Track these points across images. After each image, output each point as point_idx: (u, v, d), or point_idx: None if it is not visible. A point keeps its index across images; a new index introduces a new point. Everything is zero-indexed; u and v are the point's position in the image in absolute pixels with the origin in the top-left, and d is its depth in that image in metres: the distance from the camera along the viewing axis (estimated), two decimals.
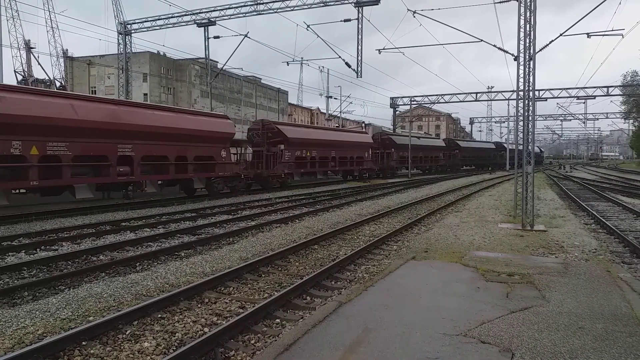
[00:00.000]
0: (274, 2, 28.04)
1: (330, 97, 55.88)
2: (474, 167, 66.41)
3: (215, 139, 20.39)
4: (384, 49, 24.66)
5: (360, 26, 27.52)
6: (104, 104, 16.23)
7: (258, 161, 24.92)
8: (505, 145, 72.08)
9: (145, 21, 32.23)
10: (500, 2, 15.91)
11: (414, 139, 47.18)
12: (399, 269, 7.62)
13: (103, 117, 15.28)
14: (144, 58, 57.04)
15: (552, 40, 14.63)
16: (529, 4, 12.16)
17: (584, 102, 53.28)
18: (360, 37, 28.10)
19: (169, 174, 18.35)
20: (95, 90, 61.45)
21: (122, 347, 4.89)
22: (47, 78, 61.98)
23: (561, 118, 69.90)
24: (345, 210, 16.64)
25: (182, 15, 30.62)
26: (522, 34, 12.37)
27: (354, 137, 35.50)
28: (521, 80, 12.56)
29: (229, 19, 29.67)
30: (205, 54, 32.84)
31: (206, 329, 5.38)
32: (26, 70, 59.99)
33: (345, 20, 27.63)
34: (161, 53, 57.59)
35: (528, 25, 12.28)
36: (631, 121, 79.39)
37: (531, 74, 12.28)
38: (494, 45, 16.05)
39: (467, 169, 64.18)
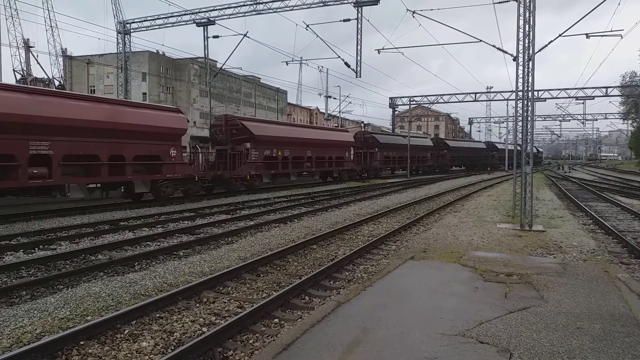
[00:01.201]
0: (273, 1, 28.03)
1: (330, 97, 55.86)
2: (463, 167, 63.73)
3: (162, 135, 17.77)
4: (383, 49, 24.67)
5: (359, 26, 27.53)
6: (12, 92, 13.33)
7: (222, 161, 22.61)
8: (496, 145, 70.79)
9: (145, 20, 32.20)
10: (499, 3, 15.93)
11: (399, 138, 45.53)
12: (398, 269, 7.62)
13: (10, 108, 12.75)
14: (143, 57, 56.99)
15: (551, 41, 14.64)
16: (528, 4, 12.17)
17: (583, 103, 53.40)
18: (359, 37, 28.11)
19: (101, 176, 15.62)
20: (94, 90, 61.41)
21: (120, 347, 4.89)
22: (46, 77, 61.92)
23: (560, 118, 70.04)
24: (344, 210, 16.64)
25: (182, 15, 30.60)
26: (521, 35, 12.38)
27: (332, 136, 32.84)
28: (520, 80, 12.57)
29: (228, 18, 29.66)
30: (205, 54, 32.82)
31: (204, 329, 5.37)
32: (25, 69, 59.92)
33: (345, 20, 27.62)
34: (160, 52, 57.56)
35: (527, 26, 12.29)
36: (630, 122, 79.47)
37: (530, 74, 12.29)
38: (493, 46, 16.06)
39: (457, 169, 61.66)
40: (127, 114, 16.54)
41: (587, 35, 16.08)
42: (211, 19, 30.09)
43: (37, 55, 64.93)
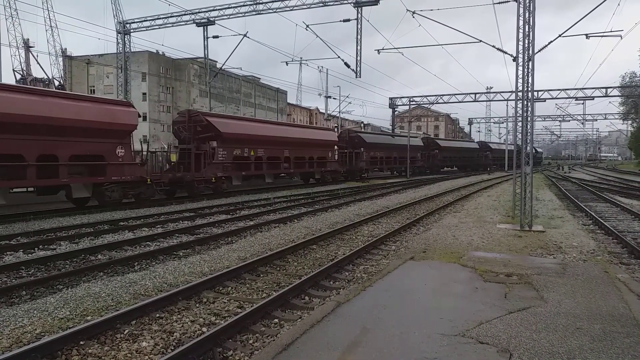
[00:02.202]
0: (273, 1, 28.02)
1: (329, 97, 55.86)
2: (455, 168, 61.11)
3: (106, 132, 15.64)
4: (383, 49, 24.70)
5: (359, 26, 27.51)
6: None
7: (186, 162, 20.51)
8: (490, 145, 69.10)
9: (145, 20, 32.19)
10: (499, 3, 15.94)
11: (386, 138, 43.90)
12: (398, 269, 7.62)
13: None
14: (142, 57, 57.04)
15: (551, 41, 14.64)
16: (527, 4, 12.17)
17: (583, 103, 53.41)
18: (359, 37, 28.09)
19: (27, 179, 13.58)
20: (94, 90, 61.42)
21: (120, 347, 4.89)
22: (45, 77, 61.92)
23: (560, 119, 70.07)
24: (344, 211, 16.64)
25: (181, 15, 30.59)
26: (520, 35, 12.38)
27: (314, 134, 30.71)
28: (520, 81, 12.57)
29: (228, 18, 29.64)
30: (205, 54, 32.81)
31: (204, 329, 5.37)
32: (25, 69, 59.95)
33: (345, 21, 27.60)
34: (160, 52, 57.59)
35: (527, 26, 12.29)
36: (629, 122, 79.56)
37: (530, 74, 12.29)
38: (493, 46, 16.07)
39: (449, 170, 59.08)
40: (61, 107, 14.27)
41: (587, 36, 16.09)
42: (211, 19, 30.08)
43: (37, 55, 65.04)
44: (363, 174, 37.81)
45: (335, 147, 33.52)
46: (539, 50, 14.15)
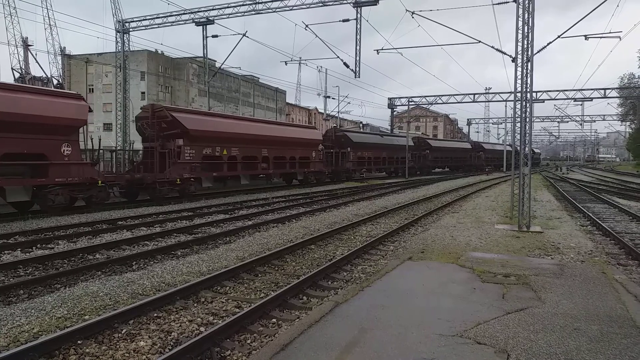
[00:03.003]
0: (272, 1, 28.00)
1: (328, 97, 55.91)
2: (447, 169, 59.18)
3: (47, 127, 13.88)
4: (382, 49, 24.71)
5: (358, 26, 27.49)
6: None
7: (149, 161, 18.69)
8: (483, 145, 67.79)
9: (144, 19, 32.13)
10: (498, 4, 15.95)
11: (375, 137, 42.32)
12: (396, 269, 7.63)
13: None
14: (142, 56, 56.98)
15: (550, 42, 14.66)
16: (527, 5, 12.19)
17: (581, 104, 53.46)
18: (358, 37, 28.09)
19: None
20: (92, 88, 61.35)
21: (117, 346, 4.88)
22: (44, 76, 61.81)
23: (558, 120, 70.21)
24: (343, 211, 16.64)
25: (181, 14, 30.54)
26: (520, 36, 12.39)
27: (295, 133, 28.68)
28: (519, 81, 12.59)
29: (227, 18, 29.61)
30: (204, 53, 32.76)
31: (202, 329, 5.37)
32: (24, 67, 59.84)
33: (344, 21, 27.57)
34: (159, 51, 57.49)
35: (526, 27, 12.30)
36: (628, 123, 79.72)
37: (529, 75, 12.31)
38: (492, 47, 16.08)
39: (439, 171, 56.89)
40: None
41: (586, 37, 16.11)
42: (210, 18, 30.04)
43: (36, 54, 64.97)
44: (351, 175, 35.92)
45: (321, 146, 31.97)
46: (538, 51, 14.17)
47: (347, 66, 28.43)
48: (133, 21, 32.83)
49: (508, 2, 15.12)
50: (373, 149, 39.45)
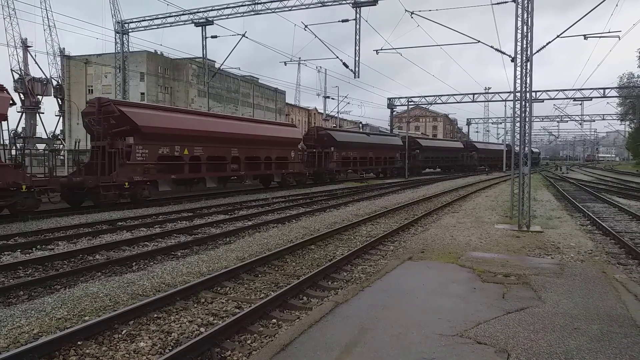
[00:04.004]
0: (271, 2, 28.02)
1: (328, 97, 55.94)
2: (439, 169, 57.52)
3: None
4: (381, 49, 24.70)
5: (358, 27, 27.53)
6: None
7: (97, 162, 16.64)
8: (476, 144, 66.02)
9: (143, 20, 32.16)
10: (497, 4, 15.95)
11: (361, 136, 40.16)
12: (396, 269, 7.62)
13: None
14: (141, 57, 56.97)
15: (549, 42, 14.69)
16: (526, 5, 12.19)
17: (581, 104, 53.53)
18: (358, 37, 28.13)
19: None
20: (92, 89, 61.32)
21: (117, 347, 4.88)
22: (43, 77, 61.82)
23: (558, 119, 70.23)
24: (342, 211, 16.64)
25: (180, 15, 30.58)
26: (519, 36, 12.40)
27: (271, 131, 26.01)
28: (518, 81, 12.59)
29: (227, 18, 29.65)
30: (203, 54, 32.78)
31: (202, 329, 5.37)
32: (23, 69, 59.84)
33: (343, 21, 27.59)
34: (159, 52, 57.51)
35: (525, 27, 12.31)
36: (627, 123, 79.79)
37: (528, 75, 12.31)
38: (491, 47, 16.08)
39: (430, 171, 55.06)
40: None
41: (585, 37, 16.11)
42: (209, 19, 30.07)
43: (35, 55, 64.89)
44: (335, 177, 33.68)
45: (302, 145, 30.08)
46: (537, 51, 14.18)
47: (347, 66, 28.47)
48: (132, 22, 32.86)
49: (507, 2, 15.14)
50: (359, 149, 37.08)
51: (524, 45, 12.32)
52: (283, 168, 26.59)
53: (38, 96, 63.77)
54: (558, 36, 14.69)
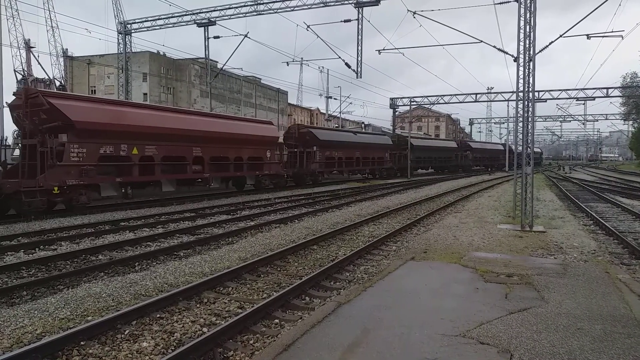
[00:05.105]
0: (274, 2, 28.05)
1: (330, 97, 55.96)
2: (431, 169, 55.08)
3: None
4: (384, 49, 24.71)
5: (360, 27, 27.54)
6: None
7: (26, 163, 14.48)
8: (470, 143, 64.50)
9: (145, 21, 32.26)
10: (500, 3, 15.93)
11: (347, 135, 37.52)
12: (398, 269, 7.62)
13: None
14: (143, 58, 57.07)
15: (552, 42, 14.68)
16: (528, 5, 12.17)
17: (584, 104, 53.37)
18: (360, 37, 28.13)
19: None
20: (95, 90, 61.48)
21: (120, 347, 4.89)
22: (46, 77, 61.99)
23: (561, 119, 70.05)
24: (345, 211, 16.64)
25: (182, 15, 30.64)
26: (521, 35, 12.38)
27: (242, 129, 23.34)
28: (521, 81, 12.57)
29: (229, 19, 29.71)
30: (205, 54, 32.84)
31: (205, 329, 5.37)
32: (26, 69, 60.01)
33: (346, 21, 27.62)
34: (161, 53, 57.61)
35: (528, 27, 12.29)
36: (630, 122, 79.56)
37: (531, 75, 12.29)
38: (494, 47, 16.08)
39: (423, 172, 53.15)
40: None
41: (588, 36, 16.10)
42: (212, 19, 30.13)
43: (38, 56, 65.02)
44: (318, 178, 31.04)
45: (278, 145, 27.74)
46: (540, 51, 14.17)
47: (349, 66, 28.47)
48: (135, 22, 32.96)
49: (510, 1, 15.11)
50: (344, 148, 34.39)
51: (527, 45, 12.30)
52: (257, 169, 24.16)
53: None
54: (561, 36, 14.69)
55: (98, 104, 16.77)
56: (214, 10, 29.92)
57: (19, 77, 59.69)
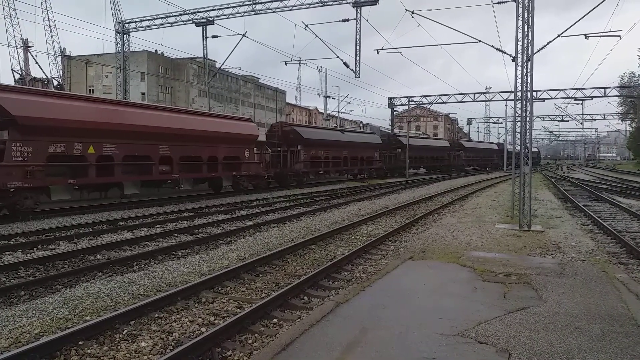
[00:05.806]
0: (272, 1, 28.01)
1: (329, 97, 55.88)
2: (423, 169, 53.95)
3: None
4: (382, 49, 24.70)
5: (358, 26, 27.51)
6: None
7: None
8: (463, 143, 63.64)
9: (144, 20, 32.16)
10: (498, 3, 15.93)
11: (334, 134, 35.89)
12: (397, 269, 7.63)
13: None
14: (141, 57, 57.00)
15: (550, 42, 14.66)
16: (526, 4, 12.18)
17: (582, 103, 53.41)
18: (358, 37, 28.10)
19: None
20: (92, 90, 61.38)
21: (119, 347, 4.88)
22: (44, 77, 61.79)
23: (559, 119, 70.15)
24: (343, 210, 16.64)
25: (180, 15, 30.57)
26: (520, 35, 12.39)
27: (216, 126, 21.41)
28: (519, 81, 12.58)
29: (227, 18, 29.64)
30: (203, 54, 32.78)
31: (203, 329, 5.37)
32: (24, 69, 59.83)
33: (344, 20, 27.59)
34: (159, 52, 57.53)
35: (526, 26, 12.30)
36: (628, 122, 79.72)
37: (529, 74, 12.30)
38: (492, 46, 16.06)
39: (414, 172, 50.63)
40: None
41: (586, 36, 16.09)
42: (210, 18, 30.07)
43: (36, 55, 64.96)
44: (302, 179, 29.43)
45: (257, 144, 25.76)
46: (538, 51, 14.16)
47: (347, 66, 28.45)
48: (133, 22, 32.86)
49: (508, 1, 15.11)
50: (331, 147, 32.62)
51: (525, 45, 12.31)
52: (234, 170, 22.46)
53: None
54: (559, 35, 14.68)
55: (45, 98, 14.82)
56: (212, 10, 29.87)
57: (17, 76, 59.53)
